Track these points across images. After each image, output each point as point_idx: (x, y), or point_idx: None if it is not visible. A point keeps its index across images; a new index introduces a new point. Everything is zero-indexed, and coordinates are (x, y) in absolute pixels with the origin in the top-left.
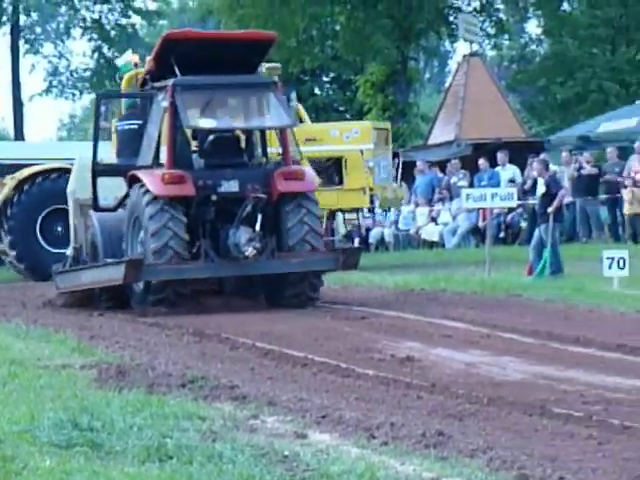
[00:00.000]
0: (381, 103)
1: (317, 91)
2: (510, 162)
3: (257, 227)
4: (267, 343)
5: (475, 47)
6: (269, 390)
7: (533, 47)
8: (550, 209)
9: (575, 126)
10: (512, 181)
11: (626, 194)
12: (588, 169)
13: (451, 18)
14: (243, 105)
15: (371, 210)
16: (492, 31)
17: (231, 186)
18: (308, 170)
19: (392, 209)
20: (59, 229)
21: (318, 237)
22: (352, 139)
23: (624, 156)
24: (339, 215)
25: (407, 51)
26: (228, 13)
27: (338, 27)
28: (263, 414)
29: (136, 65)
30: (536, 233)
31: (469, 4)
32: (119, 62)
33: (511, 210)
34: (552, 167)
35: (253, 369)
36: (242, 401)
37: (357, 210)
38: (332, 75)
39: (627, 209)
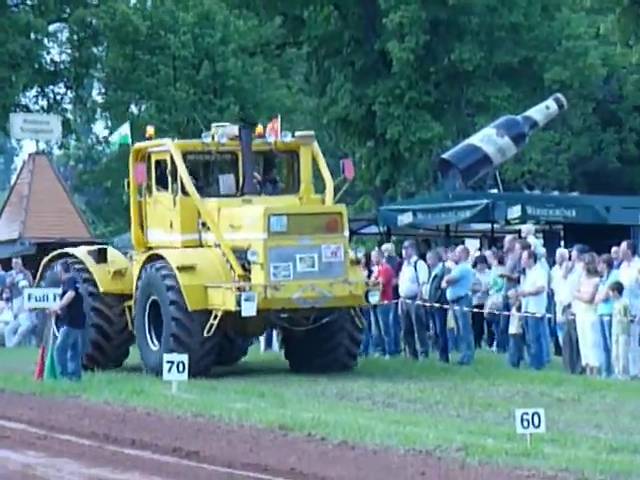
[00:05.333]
0: None
1: None
2: None
3: None
4: None
5: (42, 145)
6: None
7: (100, 148)
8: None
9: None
10: None
11: None
12: None
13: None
14: None
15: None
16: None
17: None
18: None
19: None
20: None
21: None
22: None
23: None
24: None
25: None
26: None
27: None
28: None
29: (150, 138)
30: (61, 334)
31: (37, 102)
32: (113, 136)
33: None
34: None
35: None
36: None
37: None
38: None
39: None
